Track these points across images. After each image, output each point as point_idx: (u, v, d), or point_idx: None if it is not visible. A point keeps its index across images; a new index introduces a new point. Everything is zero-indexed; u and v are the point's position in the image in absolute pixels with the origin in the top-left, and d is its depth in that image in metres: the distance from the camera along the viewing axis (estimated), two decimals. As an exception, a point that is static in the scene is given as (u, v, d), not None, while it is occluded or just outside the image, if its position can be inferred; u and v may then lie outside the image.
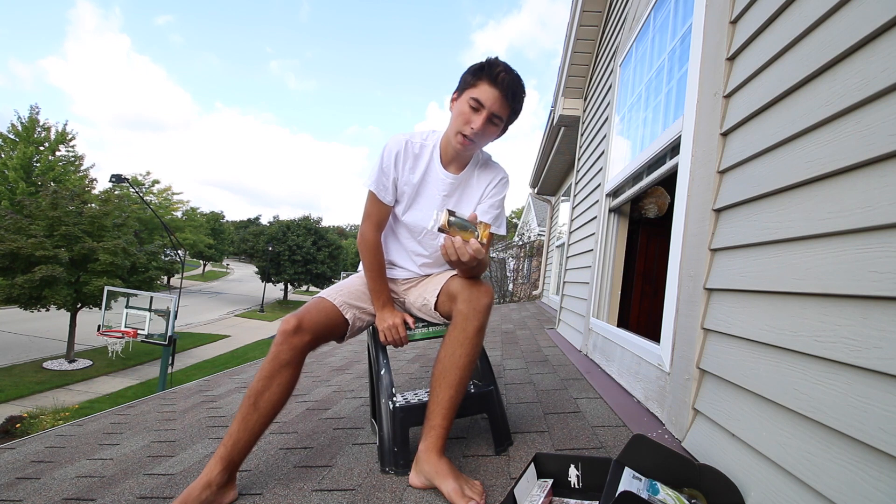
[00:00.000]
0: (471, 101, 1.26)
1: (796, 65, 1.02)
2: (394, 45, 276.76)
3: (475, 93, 1.26)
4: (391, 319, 1.39)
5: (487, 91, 1.25)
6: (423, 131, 1.45)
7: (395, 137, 1.40)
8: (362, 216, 1.44)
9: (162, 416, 2.22)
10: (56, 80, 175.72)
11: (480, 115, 1.26)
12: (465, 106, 1.28)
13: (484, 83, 1.25)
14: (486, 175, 1.45)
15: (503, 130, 1.37)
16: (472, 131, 1.27)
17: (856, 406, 0.75)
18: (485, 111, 1.26)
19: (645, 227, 3.51)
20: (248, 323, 24.10)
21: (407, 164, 1.38)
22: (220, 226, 50.47)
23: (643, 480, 0.97)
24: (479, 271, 1.29)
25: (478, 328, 1.23)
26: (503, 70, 1.26)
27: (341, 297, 1.36)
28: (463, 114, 1.28)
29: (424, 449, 1.18)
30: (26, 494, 1.34)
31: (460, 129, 1.29)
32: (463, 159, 1.41)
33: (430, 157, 1.40)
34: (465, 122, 1.28)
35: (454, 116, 1.32)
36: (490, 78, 1.25)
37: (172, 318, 11.26)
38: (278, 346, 1.19)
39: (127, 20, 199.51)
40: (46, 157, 20.87)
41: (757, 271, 1.08)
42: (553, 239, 8.12)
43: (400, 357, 3.22)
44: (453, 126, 1.32)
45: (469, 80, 1.28)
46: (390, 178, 1.38)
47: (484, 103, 1.25)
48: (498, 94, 1.25)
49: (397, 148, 1.37)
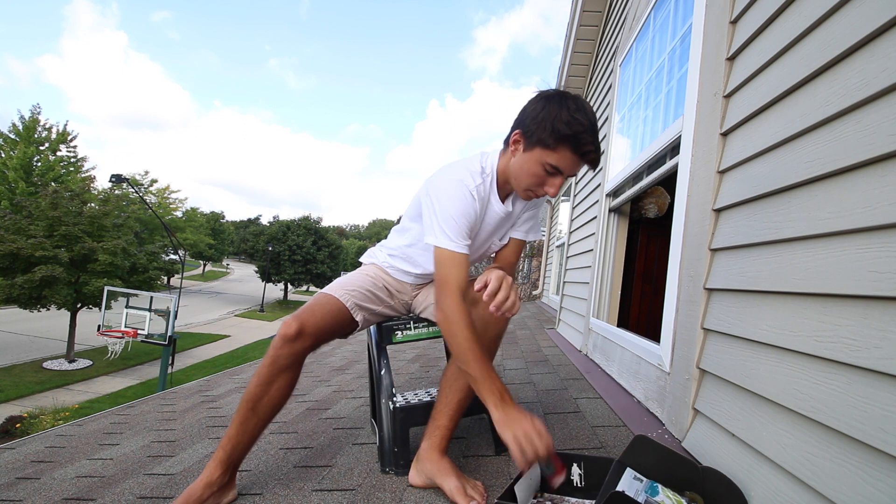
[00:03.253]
0: (548, 167, 1.12)
1: (796, 65, 1.02)
2: (394, 41, 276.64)
3: (554, 159, 1.10)
4: (526, 424, 0.98)
5: (569, 160, 1.10)
6: (477, 164, 1.25)
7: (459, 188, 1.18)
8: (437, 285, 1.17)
9: (162, 416, 2.22)
10: (53, 78, 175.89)
11: (557, 180, 1.14)
12: (538, 167, 1.13)
13: (567, 152, 1.09)
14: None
15: None
16: (550, 194, 1.18)
17: (856, 406, 0.75)
18: (562, 177, 1.14)
19: (645, 227, 3.51)
20: (248, 323, 24.11)
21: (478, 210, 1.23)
22: (220, 226, 50.46)
23: (644, 481, 0.97)
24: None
25: (497, 335, 1.22)
26: (592, 147, 1.10)
27: (352, 298, 1.30)
28: (536, 175, 1.14)
29: (427, 447, 1.17)
30: (26, 494, 1.34)
31: (532, 189, 1.18)
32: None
33: (489, 191, 1.27)
34: (539, 185, 1.16)
35: (523, 170, 1.16)
36: (575, 151, 1.09)
37: (172, 318, 11.26)
38: (277, 351, 1.14)
39: (124, 17, 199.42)
40: (47, 157, 20.85)
41: (757, 271, 1.08)
42: (553, 239, 8.12)
43: (400, 357, 3.22)
44: (521, 180, 1.18)
45: (548, 141, 1.09)
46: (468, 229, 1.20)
47: (563, 171, 1.12)
48: (579, 163, 1.13)
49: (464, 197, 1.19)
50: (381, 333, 1.43)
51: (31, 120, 20.33)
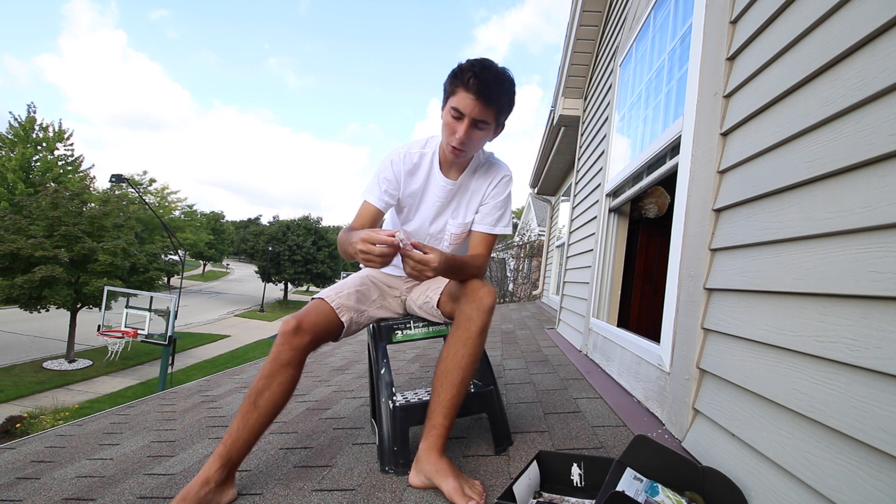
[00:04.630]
0: (451, 111, 1.26)
1: (796, 65, 1.02)
2: (394, 40, 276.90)
3: (454, 101, 1.25)
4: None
5: (464, 98, 1.23)
6: (422, 139, 1.45)
7: (392, 152, 1.41)
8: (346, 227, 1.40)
9: (162, 416, 2.22)
10: (52, 77, 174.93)
11: (462, 124, 1.25)
12: (448, 116, 1.27)
13: (460, 90, 1.23)
14: (487, 176, 1.45)
15: (498, 128, 1.35)
16: (458, 141, 1.28)
17: (856, 406, 0.75)
18: (466, 119, 1.25)
19: (645, 227, 3.51)
20: (248, 323, 24.11)
21: (406, 174, 1.39)
22: (220, 226, 50.42)
23: (644, 481, 0.97)
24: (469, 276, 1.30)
25: (480, 328, 1.23)
26: (472, 74, 1.22)
27: (339, 299, 1.35)
28: (448, 124, 1.28)
29: (425, 448, 1.18)
30: (26, 494, 1.34)
31: (448, 140, 1.30)
32: (461, 163, 1.42)
33: (430, 165, 1.41)
34: (451, 133, 1.28)
35: (442, 127, 1.32)
36: (463, 84, 1.22)
37: (172, 318, 11.26)
38: (279, 347, 1.19)
39: (123, 15, 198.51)
40: (45, 157, 20.84)
41: (757, 271, 1.08)
42: (553, 239, 8.12)
43: (400, 357, 3.22)
44: (443, 137, 1.32)
45: (448, 88, 1.27)
46: (385, 187, 1.38)
47: (463, 111, 1.24)
48: (474, 98, 1.22)
49: (393, 157, 1.39)
50: (380, 333, 1.44)
51: (27, 120, 20.31)
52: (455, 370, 1.20)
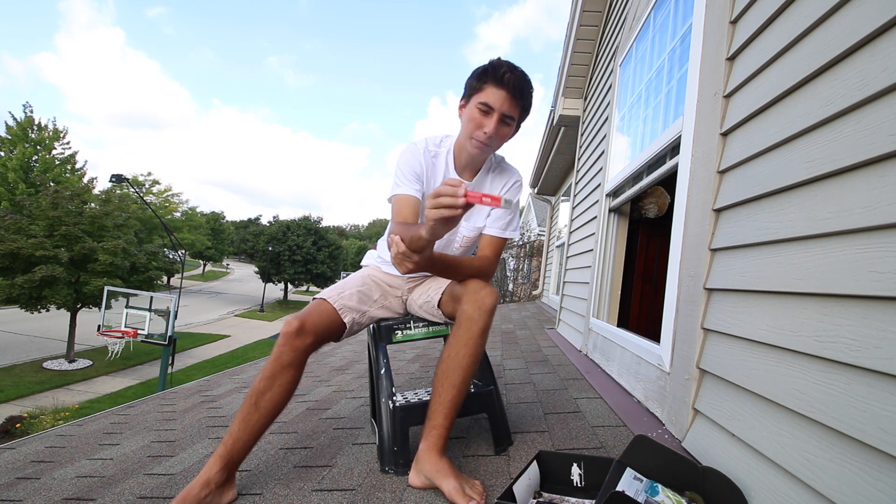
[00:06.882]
0: (480, 106, 1.26)
1: (796, 65, 1.02)
2: (394, 39, 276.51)
3: (483, 97, 1.25)
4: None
5: (495, 93, 1.25)
6: (435, 136, 1.44)
7: (409, 145, 1.39)
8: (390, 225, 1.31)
9: (162, 416, 2.22)
10: (51, 76, 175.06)
11: (492, 118, 1.26)
12: (474, 111, 1.27)
13: (490, 86, 1.25)
14: (500, 179, 1.45)
15: (516, 129, 1.36)
16: (485, 135, 1.27)
17: (856, 406, 0.75)
18: (495, 113, 1.26)
19: (645, 227, 3.51)
20: (248, 323, 24.09)
21: (427, 169, 1.37)
22: (220, 226, 50.40)
23: (644, 481, 0.97)
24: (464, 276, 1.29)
25: (482, 329, 1.22)
26: (507, 69, 1.25)
27: (342, 300, 1.35)
28: (474, 119, 1.28)
29: (425, 448, 1.18)
30: (26, 494, 1.34)
31: (473, 135, 1.29)
32: (476, 164, 1.42)
33: (446, 164, 1.40)
34: (478, 127, 1.28)
35: (465, 122, 1.31)
36: (495, 79, 1.24)
37: (172, 318, 11.26)
38: (281, 348, 1.19)
39: (120, 13, 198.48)
40: (44, 156, 20.83)
41: (757, 271, 1.08)
42: (553, 239, 8.12)
43: (400, 357, 3.22)
44: (466, 132, 1.31)
45: (475, 84, 1.28)
46: (417, 175, 1.34)
47: (493, 105, 1.25)
48: (505, 94, 1.24)
49: (414, 150, 1.37)
50: (380, 333, 1.44)
51: (25, 119, 20.30)
52: (456, 370, 1.20)
